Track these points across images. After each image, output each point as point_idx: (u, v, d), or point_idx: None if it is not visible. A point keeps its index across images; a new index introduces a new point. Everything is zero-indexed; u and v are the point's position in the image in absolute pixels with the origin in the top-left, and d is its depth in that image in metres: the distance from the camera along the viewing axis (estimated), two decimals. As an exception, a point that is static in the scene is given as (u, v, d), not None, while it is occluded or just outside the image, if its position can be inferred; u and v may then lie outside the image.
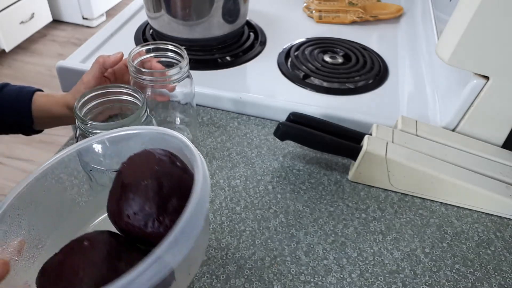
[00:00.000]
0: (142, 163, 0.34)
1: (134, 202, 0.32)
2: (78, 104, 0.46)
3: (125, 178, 0.33)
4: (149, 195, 0.32)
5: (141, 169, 0.33)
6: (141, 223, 0.32)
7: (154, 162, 0.34)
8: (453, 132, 0.63)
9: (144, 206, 0.31)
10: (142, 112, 0.47)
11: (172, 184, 0.33)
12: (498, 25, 0.52)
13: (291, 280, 0.47)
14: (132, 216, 0.32)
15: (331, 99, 0.72)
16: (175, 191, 0.33)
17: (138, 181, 0.32)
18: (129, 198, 0.32)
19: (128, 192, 0.32)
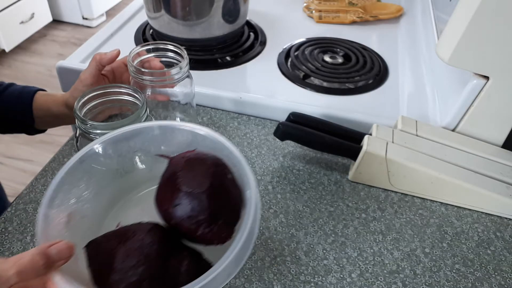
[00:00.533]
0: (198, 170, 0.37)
1: (189, 207, 0.35)
2: (78, 104, 0.46)
3: (182, 183, 0.36)
4: (203, 204, 0.35)
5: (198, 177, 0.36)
6: (193, 227, 0.35)
7: (210, 173, 0.37)
8: (453, 132, 0.63)
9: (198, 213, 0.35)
10: (142, 112, 0.47)
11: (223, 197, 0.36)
12: (498, 25, 0.52)
13: (291, 280, 0.47)
14: (186, 219, 0.35)
15: (331, 99, 0.72)
16: (226, 203, 0.36)
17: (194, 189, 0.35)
18: (184, 203, 0.35)
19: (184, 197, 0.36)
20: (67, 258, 0.32)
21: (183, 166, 0.38)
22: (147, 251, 0.34)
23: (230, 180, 0.38)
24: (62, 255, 0.32)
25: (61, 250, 0.32)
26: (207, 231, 0.35)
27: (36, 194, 0.55)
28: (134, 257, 0.33)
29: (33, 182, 0.57)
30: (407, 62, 0.82)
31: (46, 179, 0.57)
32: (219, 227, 0.36)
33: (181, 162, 0.38)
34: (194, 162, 0.38)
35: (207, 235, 0.36)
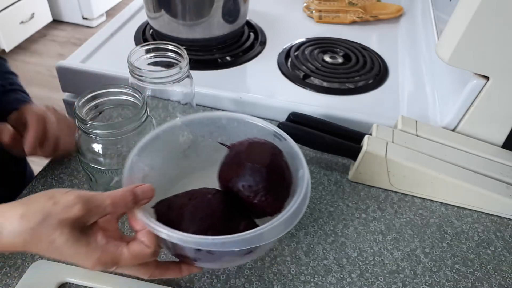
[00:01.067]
0: (260, 150, 0.44)
1: (250, 178, 0.42)
2: (78, 104, 0.46)
3: (246, 158, 0.43)
4: (263, 176, 0.41)
5: (259, 155, 0.43)
6: (251, 195, 0.42)
7: (269, 153, 0.43)
8: (453, 132, 0.63)
9: (258, 184, 0.41)
10: (142, 112, 0.47)
11: (278, 173, 0.43)
12: (498, 25, 0.52)
13: (291, 280, 0.47)
14: (246, 188, 0.42)
15: (331, 99, 0.72)
16: (281, 180, 0.43)
17: (257, 163, 0.42)
18: (247, 174, 0.42)
19: (247, 169, 0.42)
20: (149, 198, 0.38)
21: (247, 146, 0.44)
22: (213, 207, 0.40)
23: (285, 162, 0.44)
24: (146, 195, 0.38)
25: (145, 190, 0.38)
26: (263, 199, 0.41)
27: (36, 194, 0.55)
28: (203, 210, 0.40)
29: (33, 182, 0.57)
30: (407, 62, 0.82)
31: (46, 179, 0.57)
32: (273, 198, 0.42)
33: (245, 144, 0.45)
34: (256, 145, 0.45)
35: (262, 203, 0.41)
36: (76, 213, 0.33)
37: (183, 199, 0.41)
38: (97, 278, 0.45)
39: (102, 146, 0.47)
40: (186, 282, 0.46)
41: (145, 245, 0.36)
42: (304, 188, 0.41)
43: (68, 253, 0.33)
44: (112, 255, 0.35)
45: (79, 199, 0.34)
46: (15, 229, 0.32)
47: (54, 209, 0.33)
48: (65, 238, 0.33)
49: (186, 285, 0.46)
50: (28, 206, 0.33)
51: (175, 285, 0.46)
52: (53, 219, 0.32)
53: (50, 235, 0.32)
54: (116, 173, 0.49)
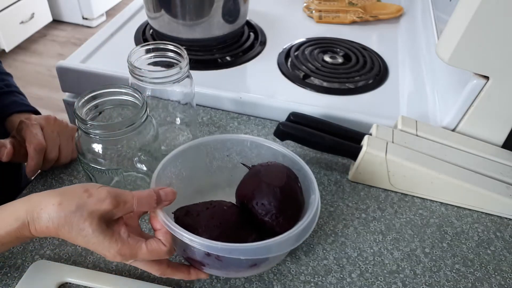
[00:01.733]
0: (277, 172, 0.46)
1: (264, 196, 0.44)
2: (78, 104, 0.46)
3: (263, 177, 0.45)
4: (276, 197, 0.44)
5: (276, 176, 0.46)
6: (263, 212, 0.44)
7: (285, 176, 0.46)
8: (453, 132, 0.63)
9: (270, 203, 0.44)
10: (142, 113, 0.46)
11: (292, 197, 0.45)
12: (498, 25, 0.52)
13: (291, 280, 0.47)
14: (260, 205, 0.44)
15: (331, 99, 0.72)
16: (293, 202, 0.45)
17: (272, 184, 0.44)
18: (262, 192, 0.44)
19: (263, 187, 0.45)
20: (170, 200, 0.41)
21: (266, 167, 0.47)
22: (227, 217, 0.43)
23: (299, 187, 0.47)
24: (168, 197, 0.41)
25: (167, 193, 0.41)
26: (274, 218, 0.43)
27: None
28: (217, 219, 0.42)
29: (33, 182, 0.57)
30: (407, 62, 0.82)
31: (46, 179, 0.57)
32: (284, 218, 0.44)
33: (265, 165, 0.48)
34: (273, 167, 0.47)
35: (273, 222, 0.44)
36: (106, 207, 0.37)
37: (200, 207, 0.44)
38: (97, 278, 0.45)
39: (102, 146, 0.47)
40: (186, 282, 0.46)
41: (162, 243, 0.39)
42: (314, 209, 0.43)
43: (93, 242, 0.37)
44: (131, 248, 0.38)
45: (110, 193, 0.38)
46: (52, 215, 0.36)
47: (88, 201, 0.37)
48: (93, 228, 0.36)
49: (186, 285, 0.46)
50: (66, 196, 0.37)
51: (175, 285, 0.46)
52: (85, 210, 0.36)
53: (80, 223, 0.36)
54: (116, 173, 0.49)
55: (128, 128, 0.45)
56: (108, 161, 0.48)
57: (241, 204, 0.46)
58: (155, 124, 0.51)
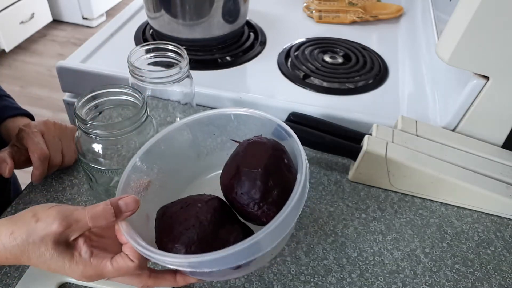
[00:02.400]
0: (257, 152, 0.40)
1: (243, 184, 0.39)
2: (78, 104, 0.46)
3: (241, 162, 0.40)
4: (256, 183, 0.38)
5: (255, 158, 0.40)
6: (245, 203, 0.39)
7: (267, 156, 0.40)
8: (453, 132, 0.63)
9: (250, 191, 0.38)
10: (142, 112, 0.47)
11: (276, 179, 0.39)
12: (498, 25, 0.52)
13: (291, 280, 0.47)
14: (239, 195, 0.39)
15: (331, 99, 0.72)
16: (278, 185, 0.39)
17: (250, 168, 0.39)
18: (240, 180, 0.39)
19: (241, 175, 0.39)
20: (132, 211, 0.37)
21: (245, 148, 0.42)
22: (201, 218, 0.38)
23: (286, 164, 0.41)
24: (129, 207, 0.37)
25: (128, 203, 0.37)
26: (256, 208, 0.38)
27: (36, 194, 0.55)
28: (190, 221, 0.37)
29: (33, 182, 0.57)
30: (407, 62, 0.82)
31: (46, 179, 0.57)
32: (268, 206, 0.38)
33: (244, 144, 0.42)
34: (254, 145, 0.42)
35: (256, 212, 0.39)
36: (56, 229, 0.34)
37: (175, 207, 0.40)
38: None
39: (102, 146, 0.47)
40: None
41: (128, 259, 0.36)
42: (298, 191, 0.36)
43: (54, 267, 0.35)
44: (95, 268, 0.35)
45: (59, 214, 0.35)
46: (7, 246, 0.34)
47: (37, 226, 0.34)
48: (50, 253, 0.34)
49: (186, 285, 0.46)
50: (16, 224, 0.35)
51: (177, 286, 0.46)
52: (35, 236, 0.34)
53: (36, 250, 0.34)
54: (116, 173, 0.49)
55: (128, 128, 0.45)
56: (108, 161, 0.48)
57: (224, 194, 0.42)
58: (155, 124, 0.51)
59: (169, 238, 0.37)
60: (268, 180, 0.38)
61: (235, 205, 0.40)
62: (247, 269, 0.40)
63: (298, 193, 0.36)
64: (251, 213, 0.39)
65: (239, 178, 0.39)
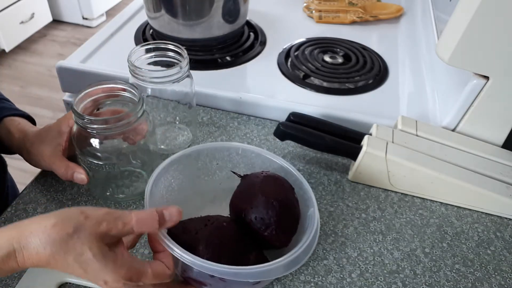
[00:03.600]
0: (275, 185, 0.45)
1: (263, 211, 0.43)
2: (76, 99, 0.46)
3: (262, 190, 0.44)
4: (275, 211, 0.43)
5: (274, 188, 0.45)
6: (262, 227, 0.43)
7: (284, 188, 0.45)
8: (453, 132, 0.63)
9: (270, 217, 0.43)
10: (139, 108, 0.47)
11: (290, 209, 0.44)
12: (498, 25, 0.52)
13: (291, 280, 0.47)
14: (258, 219, 0.43)
15: (331, 99, 0.72)
16: (290, 215, 0.44)
17: (271, 197, 0.43)
18: (259, 206, 0.43)
19: (260, 201, 0.43)
20: (175, 221, 0.38)
21: (262, 179, 0.46)
22: (227, 236, 0.42)
23: (296, 199, 0.46)
24: (173, 217, 0.38)
25: (172, 213, 0.38)
26: (273, 233, 0.43)
27: (36, 194, 0.55)
28: (218, 237, 0.41)
29: (33, 182, 0.57)
30: (407, 62, 0.82)
31: (46, 179, 0.57)
32: (283, 232, 0.43)
33: (260, 176, 0.46)
34: (270, 178, 0.46)
35: (272, 237, 0.43)
36: (104, 229, 0.34)
37: (198, 224, 0.42)
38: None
39: (99, 141, 0.47)
40: None
41: (165, 266, 0.38)
42: (314, 228, 0.42)
43: (94, 267, 0.34)
44: (137, 272, 0.36)
45: (108, 215, 0.35)
46: (44, 240, 0.32)
47: (86, 223, 0.34)
48: (94, 252, 0.33)
49: None
50: (61, 217, 0.34)
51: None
52: (83, 232, 0.33)
53: (79, 247, 0.33)
54: (113, 168, 0.50)
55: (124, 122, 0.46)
56: (105, 156, 0.48)
57: (237, 217, 0.45)
58: (151, 120, 0.51)
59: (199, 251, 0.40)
60: (284, 210, 0.43)
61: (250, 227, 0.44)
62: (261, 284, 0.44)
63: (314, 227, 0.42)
64: (267, 237, 0.43)
65: (258, 203, 0.43)
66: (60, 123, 0.52)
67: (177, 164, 0.48)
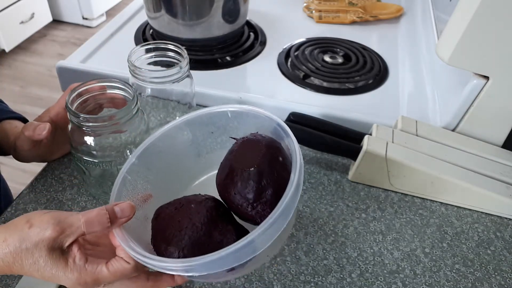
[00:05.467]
0: (250, 150, 0.39)
1: (237, 185, 0.38)
2: (70, 98, 0.46)
3: (234, 160, 0.39)
4: (249, 183, 0.37)
5: (248, 157, 0.39)
6: (239, 203, 0.38)
7: (260, 154, 0.38)
8: (453, 132, 0.63)
9: (244, 191, 0.37)
10: (133, 105, 0.47)
11: (270, 178, 0.38)
12: (498, 25, 0.52)
13: (291, 280, 0.47)
14: (233, 195, 0.38)
15: (331, 99, 0.72)
16: (271, 185, 0.38)
17: (243, 168, 0.38)
18: (234, 180, 0.38)
19: (234, 175, 0.38)
20: (128, 217, 0.36)
21: (238, 146, 0.41)
22: (194, 219, 0.37)
23: (281, 163, 0.39)
24: (125, 213, 0.36)
25: (124, 209, 0.36)
26: (250, 208, 0.38)
27: (36, 194, 0.55)
28: (183, 223, 0.37)
29: (33, 182, 0.57)
30: (407, 62, 0.82)
31: (46, 179, 0.57)
32: (262, 206, 0.38)
33: (238, 142, 0.41)
34: (248, 143, 0.40)
35: (251, 212, 0.38)
36: (50, 234, 0.34)
37: (170, 208, 0.40)
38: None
39: (94, 139, 0.47)
40: (187, 282, 0.46)
41: (124, 261, 0.36)
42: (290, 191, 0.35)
43: (48, 274, 0.34)
44: (91, 274, 0.35)
45: (53, 219, 0.34)
46: (1, 255, 0.34)
47: (30, 232, 0.34)
48: (44, 260, 0.34)
49: (186, 285, 0.46)
50: (9, 231, 0.34)
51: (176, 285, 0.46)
52: (29, 242, 0.34)
53: (29, 257, 0.34)
54: (110, 165, 0.50)
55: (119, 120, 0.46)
56: (101, 154, 0.48)
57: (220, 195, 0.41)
58: (146, 118, 0.51)
59: (162, 241, 0.37)
60: (262, 179, 0.37)
61: (230, 206, 0.40)
62: (242, 271, 0.39)
63: (291, 191, 0.35)
64: (246, 214, 0.39)
65: (232, 177, 0.39)
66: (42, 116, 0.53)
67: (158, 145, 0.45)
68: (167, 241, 0.37)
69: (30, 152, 0.53)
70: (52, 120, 0.52)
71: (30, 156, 0.54)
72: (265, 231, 0.33)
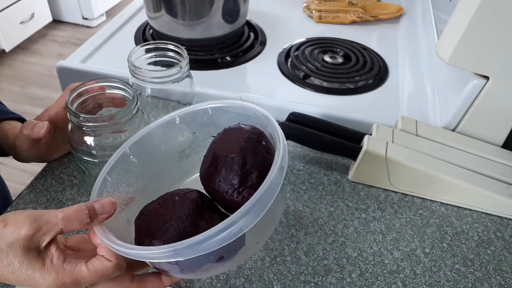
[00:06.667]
0: (233, 137, 0.39)
1: (220, 172, 0.37)
2: (70, 98, 0.46)
3: (217, 148, 0.38)
4: (233, 168, 0.36)
5: (231, 143, 0.38)
6: (224, 190, 0.37)
7: (243, 139, 0.38)
8: (453, 132, 0.63)
9: (228, 177, 0.36)
10: (133, 105, 0.47)
11: (254, 161, 0.37)
12: (498, 25, 0.52)
13: (291, 280, 0.47)
14: (217, 183, 0.37)
15: (331, 99, 0.72)
16: (256, 168, 0.37)
17: (226, 154, 0.37)
18: (217, 168, 0.37)
19: (217, 162, 0.37)
20: (109, 213, 0.35)
21: (221, 135, 0.40)
22: (178, 211, 0.36)
23: (264, 146, 0.38)
24: (105, 209, 0.35)
25: (104, 205, 0.35)
26: (236, 194, 0.37)
27: (36, 194, 0.55)
28: (167, 215, 0.36)
29: (33, 182, 0.57)
30: (407, 62, 0.82)
31: (46, 179, 0.57)
32: (248, 190, 0.37)
33: (221, 133, 0.40)
34: (230, 131, 0.40)
35: (237, 198, 0.37)
36: (25, 233, 0.32)
37: (153, 205, 0.38)
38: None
39: (94, 139, 0.47)
40: (186, 282, 0.46)
41: (105, 259, 0.34)
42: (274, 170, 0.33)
43: (23, 277, 0.32)
44: (69, 274, 0.32)
45: (28, 218, 0.32)
46: None
47: (5, 231, 0.32)
48: (19, 261, 0.32)
49: (186, 285, 0.46)
50: None
51: (175, 285, 0.46)
52: (3, 241, 0.32)
53: (4, 258, 0.32)
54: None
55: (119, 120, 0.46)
56: (101, 154, 0.48)
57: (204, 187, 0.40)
58: (146, 118, 0.51)
59: (146, 236, 0.36)
60: (246, 163, 0.36)
61: (215, 196, 0.38)
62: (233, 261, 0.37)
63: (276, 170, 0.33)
64: (232, 201, 0.37)
65: (215, 165, 0.37)
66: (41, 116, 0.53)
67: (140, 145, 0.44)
68: (151, 235, 0.36)
69: (29, 152, 0.53)
70: (51, 120, 0.52)
71: (30, 156, 0.54)
72: (249, 211, 0.32)
